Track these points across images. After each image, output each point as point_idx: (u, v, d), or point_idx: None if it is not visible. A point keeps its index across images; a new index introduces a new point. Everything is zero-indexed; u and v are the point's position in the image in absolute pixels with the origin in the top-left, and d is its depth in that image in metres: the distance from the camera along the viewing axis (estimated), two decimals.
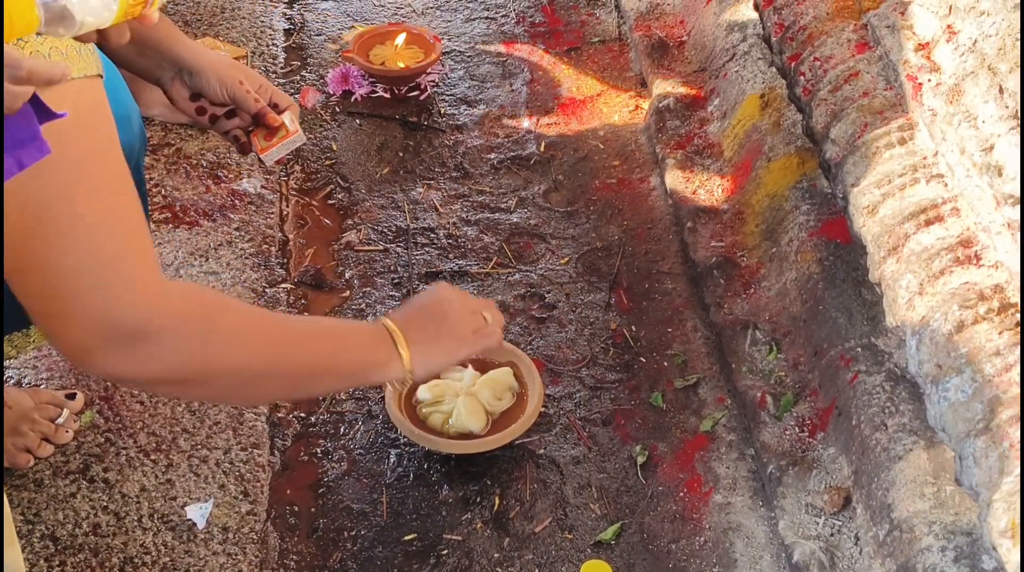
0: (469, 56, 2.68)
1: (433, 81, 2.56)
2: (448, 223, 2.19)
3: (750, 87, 2.19)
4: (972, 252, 1.48)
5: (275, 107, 1.62)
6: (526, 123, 2.47)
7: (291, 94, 2.49)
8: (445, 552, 1.62)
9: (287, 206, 2.20)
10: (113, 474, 1.65)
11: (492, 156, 2.37)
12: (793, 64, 1.99)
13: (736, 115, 2.20)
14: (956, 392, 1.36)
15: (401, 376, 1.39)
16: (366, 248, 2.13)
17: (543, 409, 1.80)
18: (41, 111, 0.88)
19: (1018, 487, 1.23)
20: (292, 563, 1.60)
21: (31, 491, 1.62)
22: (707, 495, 1.68)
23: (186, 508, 1.62)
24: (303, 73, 2.58)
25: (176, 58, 1.52)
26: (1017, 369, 1.31)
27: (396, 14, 2.81)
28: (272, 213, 2.14)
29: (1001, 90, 1.42)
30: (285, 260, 2.07)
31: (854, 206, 1.68)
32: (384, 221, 2.19)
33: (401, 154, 2.37)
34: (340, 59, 2.59)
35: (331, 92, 2.51)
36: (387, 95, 2.51)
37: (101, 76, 1.12)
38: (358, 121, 2.45)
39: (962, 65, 1.53)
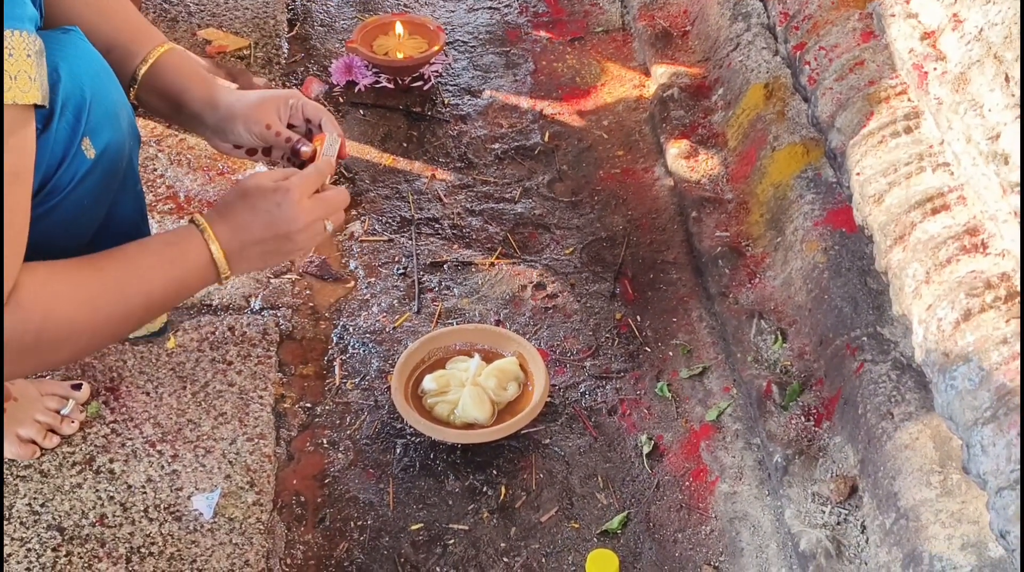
0: (473, 46, 2.68)
1: (437, 71, 2.55)
2: (453, 213, 2.19)
3: (754, 76, 2.19)
4: (979, 240, 1.48)
5: (308, 123, 1.60)
6: (530, 113, 2.47)
7: (295, 84, 2.49)
8: (452, 542, 1.62)
9: None
10: (119, 465, 1.65)
11: (496, 146, 2.37)
12: (798, 53, 1.99)
13: (740, 104, 2.20)
14: (963, 381, 1.36)
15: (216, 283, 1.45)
16: (371, 239, 2.13)
17: (548, 399, 1.80)
18: None
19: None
20: (299, 553, 1.60)
21: (37, 482, 1.62)
22: (713, 484, 1.69)
23: (192, 498, 1.62)
24: (307, 64, 2.58)
25: (204, 119, 1.53)
26: None
27: (399, 4, 2.81)
28: None
29: (1007, 78, 1.42)
30: None
31: (860, 195, 1.68)
32: (388, 211, 2.19)
33: (405, 144, 2.37)
34: (343, 49, 2.58)
35: (335, 82, 2.51)
36: (391, 85, 2.51)
37: (41, 106, 1.20)
38: (362, 111, 2.45)
39: (968, 53, 1.52)
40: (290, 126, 1.57)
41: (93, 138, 1.36)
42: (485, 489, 1.69)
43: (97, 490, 1.62)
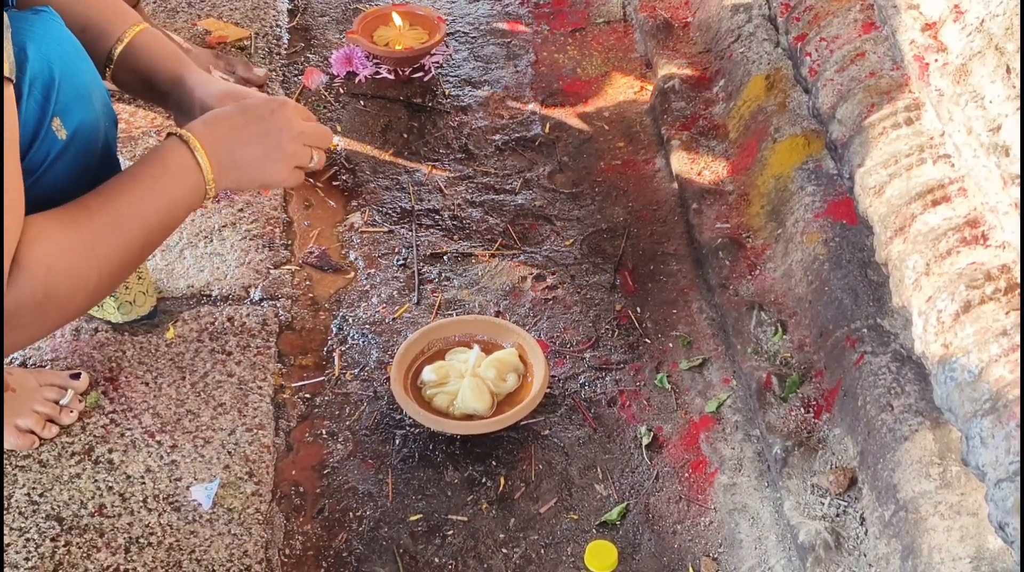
0: (473, 37, 2.67)
1: (437, 62, 2.55)
2: (453, 205, 2.19)
3: (755, 68, 2.18)
4: (979, 232, 1.48)
5: None
6: (531, 104, 2.46)
7: (295, 75, 2.49)
8: (450, 532, 1.62)
9: (291, 187, 2.20)
10: (118, 455, 1.65)
11: (497, 137, 2.36)
12: (799, 44, 1.99)
13: (741, 96, 2.19)
14: (963, 372, 1.35)
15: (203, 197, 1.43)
16: (371, 230, 2.12)
17: (548, 390, 1.79)
18: None
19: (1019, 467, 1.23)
20: (298, 543, 1.60)
21: (36, 472, 1.62)
22: (712, 476, 1.68)
23: (191, 489, 1.62)
24: (307, 54, 2.57)
25: (170, 96, 1.54)
26: None
27: None
28: (276, 194, 2.13)
29: (1008, 70, 1.41)
30: (289, 241, 2.07)
31: (861, 187, 1.68)
32: (389, 202, 2.19)
33: (405, 135, 2.37)
34: (344, 40, 2.58)
35: (335, 73, 2.50)
36: (391, 76, 2.50)
37: (9, 80, 1.19)
38: (362, 102, 2.45)
39: (969, 45, 1.52)
40: None
41: (64, 118, 1.35)
42: (484, 480, 1.69)
43: (96, 480, 1.62)
